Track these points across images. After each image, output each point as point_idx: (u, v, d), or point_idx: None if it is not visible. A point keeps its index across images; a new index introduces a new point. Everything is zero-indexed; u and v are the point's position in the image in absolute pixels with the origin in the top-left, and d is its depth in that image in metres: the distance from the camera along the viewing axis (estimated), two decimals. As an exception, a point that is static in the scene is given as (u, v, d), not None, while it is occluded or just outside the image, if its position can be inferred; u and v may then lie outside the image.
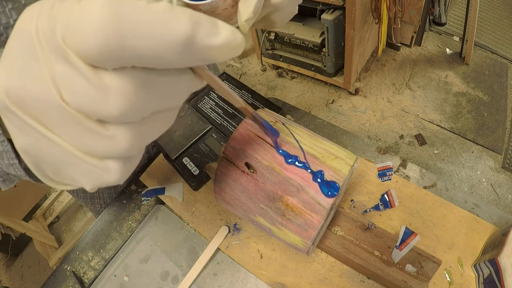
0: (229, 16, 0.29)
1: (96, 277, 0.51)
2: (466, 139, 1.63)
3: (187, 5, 0.27)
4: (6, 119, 0.17)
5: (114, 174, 0.18)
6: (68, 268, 0.54)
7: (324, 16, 1.43)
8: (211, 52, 0.16)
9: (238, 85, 0.64)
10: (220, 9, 0.27)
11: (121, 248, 0.53)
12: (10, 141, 0.23)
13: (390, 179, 0.53)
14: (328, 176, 0.36)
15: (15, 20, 0.34)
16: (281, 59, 1.84)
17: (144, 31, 0.14)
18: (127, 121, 0.16)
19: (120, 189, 0.65)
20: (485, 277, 0.42)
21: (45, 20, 0.14)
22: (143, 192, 0.59)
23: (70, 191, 0.67)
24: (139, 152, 0.19)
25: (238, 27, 0.28)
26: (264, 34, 1.70)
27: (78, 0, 0.14)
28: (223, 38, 0.16)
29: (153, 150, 0.66)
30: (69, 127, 0.16)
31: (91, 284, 0.51)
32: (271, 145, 0.38)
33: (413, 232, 0.45)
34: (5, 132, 0.22)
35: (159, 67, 0.15)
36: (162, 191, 0.57)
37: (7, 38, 0.35)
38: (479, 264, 0.43)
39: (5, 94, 0.16)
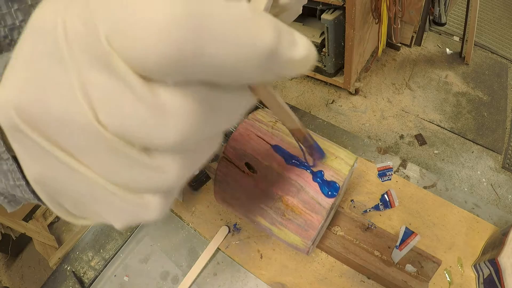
0: None
1: (96, 277, 0.51)
2: (466, 139, 1.63)
3: None
4: (15, 141, 0.14)
5: (153, 211, 0.15)
6: (68, 268, 0.54)
7: (324, 16, 1.43)
8: (289, 66, 0.13)
9: (238, 85, 0.64)
10: None
11: (121, 248, 0.53)
12: (15, 158, 0.19)
13: (390, 179, 0.53)
14: (328, 176, 0.36)
15: (21, 21, 0.31)
16: (281, 59, 1.84)
17: (227, 38, 0.11)
18: (184, 149, 0.13)
19: None
20: (485, 277, 0.42)
21: (77, 16, 0.11)
22: (143, 192, 0.59)
23: None
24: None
25: None
26: (264, 34, 1.70)
27: None
28: (303, 51, 0.13)
29: None
30: (102, 155, 0.12)
31: (91, 284, 0.51)
32: (270, 145, 0.37)
33: (413, 232, 0.45)
34: (10, 149, 0.18)
35: (231, 83, 0.12)
36: (162, 191, 0.57)
37: (11, 41, 0.32)
38: (479, 264, 0.43)
39: (15, 111, 0.12)
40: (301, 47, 0.13)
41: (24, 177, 0.19)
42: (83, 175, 0.13)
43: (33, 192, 0.20)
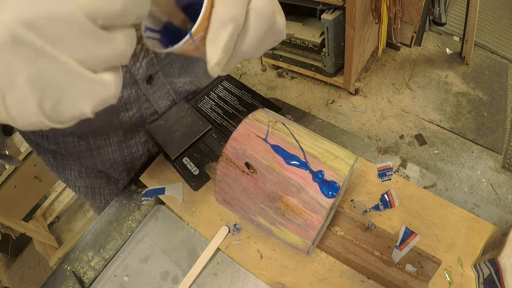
0: (204, 52, 0.26)
1: (96, 277, 0.51)
2: (466, 139, 1.63)
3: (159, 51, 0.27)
4: (13, 53, 0.18)
5: (110, 86, 0.21)
6: (68, 268, 0.54)
7: (324, 16, 1.43)
8: None
9: (238, 85, 0.64)
10: (188, 51, 0.26)
11: (121, 248, 0.53)
12: None
13: (390, 179, 0.53)
14: (328, 176, 0.36)
15: None
16: (281, 59, 1.84)
17: None
18: (126, 22, 0.20)
19: (121, 187, 0.65)
20: (485, 277, 0.42)
21: None
22: (143, 192, 0.59)
23: (72, 187, 0.67)
24: (126, 59, 0.22)
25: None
26: (264, 34, 1.70)
27: None
28: None
29: (154, 150, 0.66)
30: (76, 39, 0.19)
31: (91, 284, 0.51)
32: (270, 145, 0.38)
33: (413, 232, 0.45)
34: None
35: None
36: (162, 191, 0.57)
37: None
38: (479, 264, 0.43)
39: (23, 23, 0.17)
40: None
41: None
42: (61, 62, 0.19)
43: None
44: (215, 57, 0.25)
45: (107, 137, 0.58)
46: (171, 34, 0.28)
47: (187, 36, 0.24)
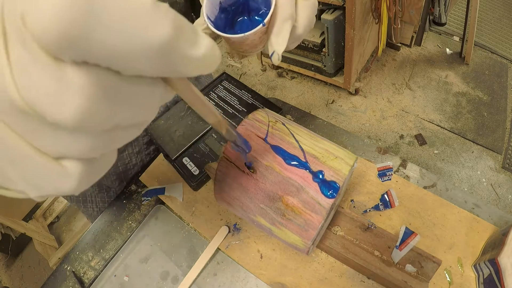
0: (255, 46, 0.31)
1: (96, 277, 0.51)
2: (466, 139, 1.63)
3: (218, 35, 0.29)
4: None
5: (70, 179, 0.14)
6: (68, 268, 0.54)
7: (324, 16, 1.43)
8: (187, 64, 0.14)
9: (238, 85, 0.64)
10: (249, 40, 0.29)
11: (121, 248, 0.53)
12: None
13: (390, 179, 0.53)
14: (328, 176, 0.36)
15: None
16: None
17: (118, 26, 0.11)
18: (85, 127, 0.13)
19: (113, 195, 0.65)
20: (485, 277, 0.42)
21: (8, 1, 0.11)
22: (143, 192, 0.59)
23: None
24: (105, 157, 0.16)
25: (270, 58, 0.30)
26: (264, 34, 1.70)
27: None
28: (203, 50, 0.14)
29: (147, 159, 0.66)
30: (16, 119, 0.13)
31: (91, 284, 0.51)
32: (270, 145, 0.38)
33: (413, 232, 0.45)
34: None
35: (125, 72, 0.13)
36: (162, 191, 0.57)
37: None
38: (479, 264, 0.43)
39: None
40: (202, 46, 0.14)
41: None
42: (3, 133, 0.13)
43: None
44: (282, 47, 0.29)
45: None
46: (218, 28, 0.30)
47: (260, 25, 0.28)
